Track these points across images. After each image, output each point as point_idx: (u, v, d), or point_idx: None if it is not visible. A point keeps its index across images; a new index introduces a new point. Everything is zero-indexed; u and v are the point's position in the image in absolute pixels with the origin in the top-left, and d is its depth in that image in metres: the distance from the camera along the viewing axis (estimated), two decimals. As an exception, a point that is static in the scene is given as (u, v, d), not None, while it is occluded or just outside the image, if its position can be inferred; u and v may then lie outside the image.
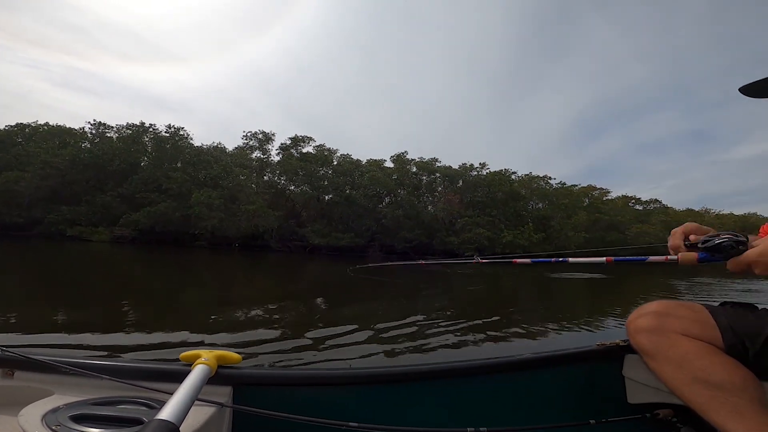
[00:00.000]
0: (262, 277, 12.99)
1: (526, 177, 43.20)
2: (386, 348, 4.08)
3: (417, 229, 34.38)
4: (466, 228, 35.03)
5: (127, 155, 29.78)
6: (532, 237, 35.68)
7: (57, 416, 0.78)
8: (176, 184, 27.16)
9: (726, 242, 0.90)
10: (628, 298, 9.82)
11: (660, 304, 1.00)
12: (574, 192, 44.96)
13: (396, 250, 33.53)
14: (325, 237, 30.58)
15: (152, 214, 25.72)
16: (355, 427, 0.92)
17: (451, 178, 40.01)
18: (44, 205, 26.93)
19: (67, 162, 27.54)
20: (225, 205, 26.33)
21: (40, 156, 26.97)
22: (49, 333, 3.91)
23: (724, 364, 0.89)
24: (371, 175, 36.07)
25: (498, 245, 34.54)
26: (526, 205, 41.40)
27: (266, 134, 37.08)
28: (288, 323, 5.18)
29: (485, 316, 6.10)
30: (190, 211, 25.66)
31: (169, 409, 0.63)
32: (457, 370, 1.17)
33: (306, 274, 14.33)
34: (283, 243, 30.47)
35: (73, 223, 26.50)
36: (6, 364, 0.96)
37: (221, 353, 1.00)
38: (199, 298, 7.33)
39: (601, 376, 1.26)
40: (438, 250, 34.53)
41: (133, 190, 27.85)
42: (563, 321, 5.92)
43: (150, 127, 31.47)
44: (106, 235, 25.45)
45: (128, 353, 3.43)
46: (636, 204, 48.22)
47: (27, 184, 25.98)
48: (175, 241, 26.71)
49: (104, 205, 27.32)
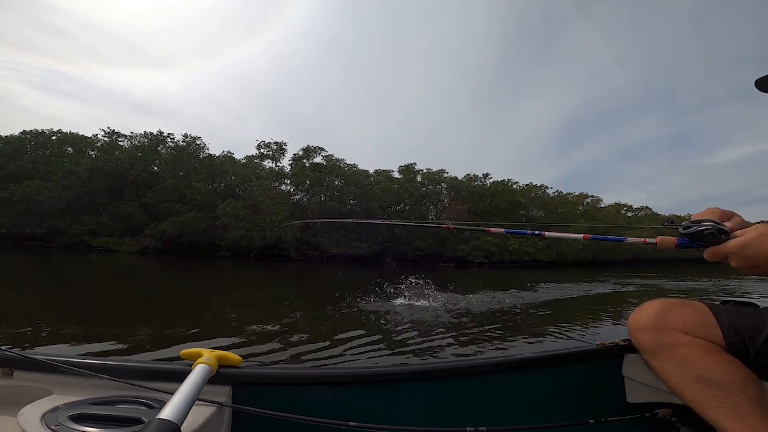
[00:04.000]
0: (300, 286, 13.12)
1: (526, 186, 45.21)
2: (387, 348, 4.09)
3: (429, 239, 35.58)
4: (474, 236, 36.46)
5: (145, 164, 29.90)
6: (536, 244, 37.39)
7: (56, 416, 0.78)
8: (200, 194, 27.49)
9: (708, 230, 0.88)
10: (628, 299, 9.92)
11: (661, 302, 1.00)
12: (570, 200, 47.32)
13: (408, 258, 34.65)
14: (343, 246, 31.37)
15: (178, 224, 25.97)
16: (355, 426, 0.92)
17: (456, 189, 41.46)
18: (63, 215, 26.77)
19: (88, 171, 27.48)
20: (249, 215, 26.84)
21: (64, 165, 26.80)
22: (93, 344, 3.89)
23: (725, 363, 0.89)
24: (383, 186, 37.25)
25: (506, 252, 36.14)
26: (528, 213, 43.31)
27: (279, 144, 37.73)
28: (310, 328, 5.17)
29: (487, 317, 6.07)
30: (218, 222, 26.04)
31: (170, 409, 0.63)
32: (456, 369, 1.19)
33: (337, 282, 14.84)
34: (300, 252, 31.08)
35: (95, 233, 26.42)
36: (5, 363, 0.95)
37: (222, 354, 1.00)
38: (242, 309, 7.01)
39: (601, 375, 1.27)
40: (449, 257, 35.80)
41: (155, 200, 27.99)
42: (563, 321, 5.88)
43: (168, 137, 31.63)
44: (134, 246, 25.49)
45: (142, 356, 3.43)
46: (628, 211, 50.91)
47: (50, 194, 25.78)
48: (200, 252, 26.99)
49: (126, 215, 27.36)
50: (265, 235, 27.29)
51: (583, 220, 42.33)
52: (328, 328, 5.25)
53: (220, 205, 26.65)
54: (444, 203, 42.17)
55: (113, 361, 0.99)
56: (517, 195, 42.72)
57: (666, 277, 16.12)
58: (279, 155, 37.48)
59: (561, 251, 38.49)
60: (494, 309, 7.07)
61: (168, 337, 4.30)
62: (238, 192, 30.16)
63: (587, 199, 49.55)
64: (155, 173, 30.16)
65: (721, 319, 0.94)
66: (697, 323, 0.94)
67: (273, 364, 3.28)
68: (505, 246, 36.36)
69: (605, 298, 10.11)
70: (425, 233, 35.85)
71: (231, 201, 27.16)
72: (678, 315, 0.96)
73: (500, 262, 35.61)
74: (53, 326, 4.67)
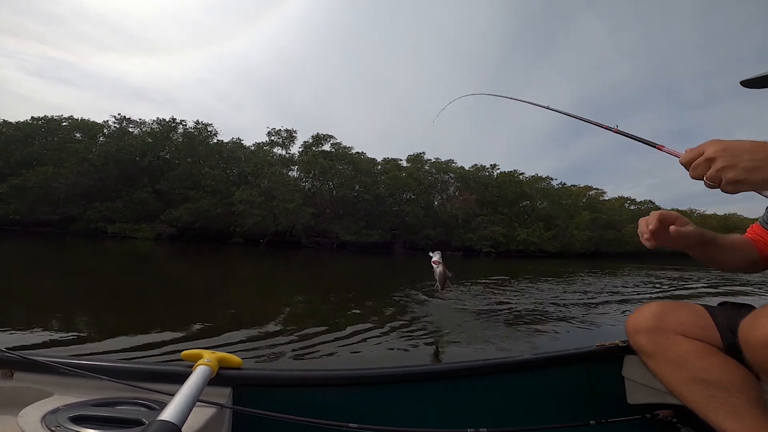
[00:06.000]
0: (312, 275, 13.11)
1: (532, 178, 45.57)
2: (388, 347, 4.10)
3: (438, 227, 35.99)
4: (482, 226, 36.91)
5: (157, 151, 29.86)
6: (543, 235, 37.90)
7: (57, 417, 0.78)
8: (215, 181, 27.60)
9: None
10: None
11: (659, 305, 1.01)
12: (574, 192, 47.77)
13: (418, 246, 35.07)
14: (354, 234, 31.69)
15: (193, 210, 26.11)
16: (355, 428, 0.92)
17: (464, 179, 41.74)
18: (77, 201, 26.79)
19: (101, 158, 27.44)
20: (265, 202, 27.03)
21: (78, 151, 26.74)
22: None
23: (723, 365, 0.89)
24: (392, 174, 37.46)
25: (513, 242, 36.64)
26: (534, 204, 43.76)
27: (289, 132, 37.71)
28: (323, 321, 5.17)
29: (488, 317, 6.01)
30: (234, 209, 26.21)
31: (171, 410, 0.63)
32: (457, 370, 1.18)
33: (348, 270, 14.97)
34: (311, 239, 31.38)
35: (110, 220, 26.53)
36: (5, 364, 0.95)
37: (223, 355, 1.01)
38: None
39: (601, 376, 1.27)
40: (456, 246, 36.25)
41: (169, 186, 28.06)
42: (563, 321, 5.94)
43: (180, 123, 31.52)
44: (150, 233, 25.65)
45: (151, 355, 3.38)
46: (631, 204, 51.49)
47: (65, 180, 25.77)
48: (212, 238, 27.21)
49: (140, 201, 27.43)
50: (279, 222, 27.50)
51: (587, 212, 42.80)
52: (337, 323, 5.20)
53: (235, 192, 26.77)
54: (449, 192, 42.50)
55: (113, 363, 0.99)
56: (524, 186, 43.04)
57: (667, 278, 14.75)
58: (289, 143, 37.54)
59: (566, 242, 39.02)
60: (495, 309, 6.93)
61: (172, 336, 4.17)
62: (250, 179, 30.25)
63: (590, 192, 50.03)
64: (167, 160, 30.12)
65: (719, 321, 0.95)
66: (695, 325, 0.96)
67: (273, 366, 3.30)
68: (512, 236, 36.83)
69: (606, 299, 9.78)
70: (434, 221, 36.25)
71: (246, 188, 27.30)
72: (675, 317, 0.97)
73: (507, 252, 36.09)
74: (61, 316, 4.72)
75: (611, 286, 11.75)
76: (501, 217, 38.31)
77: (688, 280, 13.57)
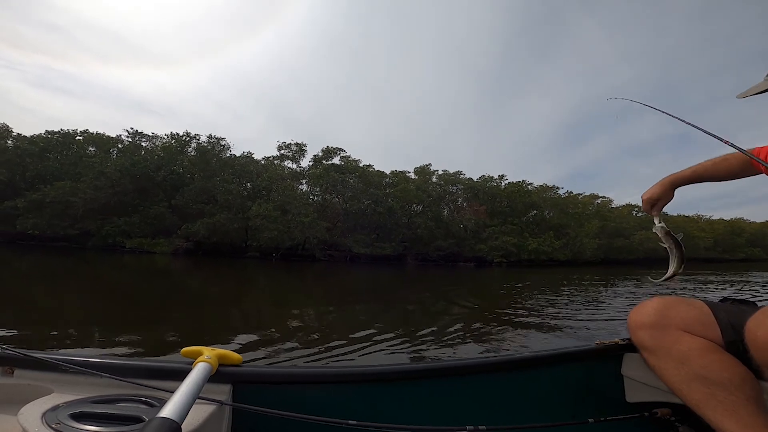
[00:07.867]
0: (327, 286, 13.63)
1: (540, 187, 45.76)
2: (389, 348, 4.18)
3: (450, 238, 36.09)
4: (493, 236, 37.01)
5: (171, 165, 30.15)
6: (553, 243, 37.96)
7: (57, 414, 0.78)
8: (231, 195, 27.82)
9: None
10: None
11: (661, 300, 1.00)
12: (581, 200, 47.92)
13: (429, 258, 35.14)
14: (368, 247, 31.78)
15: (210, 225, 26.29)
16: (354, 425, 0.92)
17: (473, 190, 41.93)
18: (94, 216, 26.99)
19: (117, 172, 27.71)
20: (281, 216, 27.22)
21: (94, 166, 27.00)
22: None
23: (724, 362, 0.89)
24: (402, 187, 37.70)
25: (524, 252, 36.69)
26: (543, 214, 43.88)
27: (299, 145, 38.04)
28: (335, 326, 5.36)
29: (491, 317, 6.24)
30: (250, 223, 26.37)
31: (171, 407, 0.63)
32: (457, 368, 1.18)
33: (361, 282, 15.38)
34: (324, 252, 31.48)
35: (127, 234, 26.67)
36: (6, 362, 0.95)
37: (223, 352, 1.01)
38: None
39: (600, 374, 1.27)
40: (468, 257, 36.30)
41: (185, 201, 28.26)
42: (563, 321, 5.99)
43: (194, 138, 31.86)
44: (167, 247, 25.77)
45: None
46: (639, 212, 51.51)
47: (83, 195, 25.99)
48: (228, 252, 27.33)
49: (157, 216, 27.62)
50: (294, 236, 27.64)
51: (596, 221, 42.90)
52: (346, 327, 5.37)
53: (252, 206, 26.96)
54: (457, 203, 42.68)
55: (114, 360, 1.00)
56: (533, 196, 43.22)
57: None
58: (299, 156, 37.85)
59: (576, 250, 39.07)
60: (504, 312, 7.21)
61: (187, 337, 4.40)
62: (263, 193, 30.48)
63: (598, 200, 50.18)
64: (181, 174, 30.38)
65: (720, 318, 0.95)
66: (697, 321, 0.95)
67: (273, 363, 3.24)
68: (523, 246, 36.89)
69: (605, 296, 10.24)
70: (445, 233, 36.35)
71: (262, 203, 27.49)
72: (677, 313, 0.97)
73: (518, 262, 36.13)
74: (77, 325, 4.98)
75: (616, 289, 12.34)
76: (511, 227, 38.41)
77: (693, 280, 14.09)
